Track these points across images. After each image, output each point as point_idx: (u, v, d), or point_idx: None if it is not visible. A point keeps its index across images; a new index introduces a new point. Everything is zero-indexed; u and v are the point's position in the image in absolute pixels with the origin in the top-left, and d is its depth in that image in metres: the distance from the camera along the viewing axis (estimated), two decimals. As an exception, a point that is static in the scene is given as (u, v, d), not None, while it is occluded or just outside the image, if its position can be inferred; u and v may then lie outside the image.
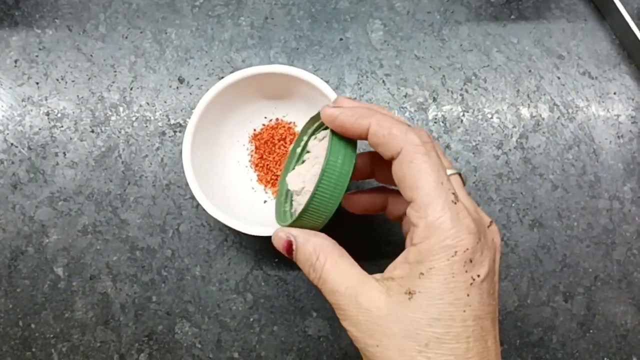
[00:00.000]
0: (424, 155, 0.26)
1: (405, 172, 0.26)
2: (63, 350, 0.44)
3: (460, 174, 0.30)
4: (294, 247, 0.30)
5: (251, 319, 0.44)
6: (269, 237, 0.32)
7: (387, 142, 0.27)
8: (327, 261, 0.29)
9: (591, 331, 0.44)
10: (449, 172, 0.28)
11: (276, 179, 0.45)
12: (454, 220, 0.25)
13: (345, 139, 0.30)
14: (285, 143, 0.45)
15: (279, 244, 0.31)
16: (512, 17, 0.49)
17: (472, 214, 0.26)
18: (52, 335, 0.44)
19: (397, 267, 0.27)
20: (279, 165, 0.45)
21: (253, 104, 0.45)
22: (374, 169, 0.35)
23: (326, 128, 0.35)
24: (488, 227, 0.28)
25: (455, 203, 0.26)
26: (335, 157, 0.29)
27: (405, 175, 0.26)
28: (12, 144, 0.47)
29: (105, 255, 0.45)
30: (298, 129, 0.45)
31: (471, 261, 0.25)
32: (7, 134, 0.47)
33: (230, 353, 0.44)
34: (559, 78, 0.47)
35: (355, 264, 0.29)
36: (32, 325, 0.44)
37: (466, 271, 0.25)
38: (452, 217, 0.25)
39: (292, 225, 0.31)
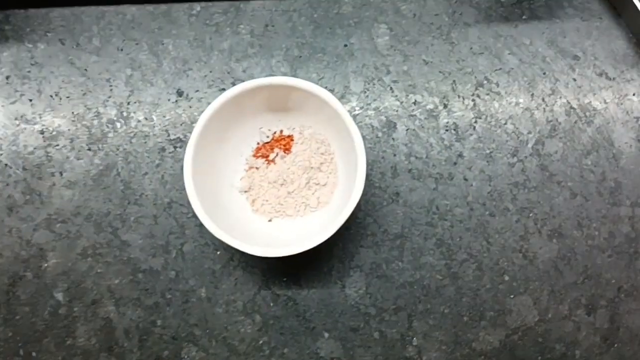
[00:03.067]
0: None
1: None
2: (66, 378, 0.43)
3: None
4: None
5: (260, 342, 0.43)
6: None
7: None
8: None
9: (616, 345, 0.43)
10: None
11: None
12: None
13: None
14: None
15: None
16: (524, 17, 0.48)
17: None
18: (54, 364, 0.43)
19: None
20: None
21: (255, 117, 0.44)
22: None
23: None
24: None
25: None
26: None
27: None
28: (6, 164, 0.46)
29: (107, 278, 0.44)
30: (300, 139, 0.44)
31: None
32: (1, 154, 0.46)
33: (240, 377, 0.43)
34: (574, 80, 0.46)
35: None
36: (33, 354, 0.44)
37: None
38: None
39: None
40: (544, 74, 0.47)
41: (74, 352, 0.44)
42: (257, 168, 0.45)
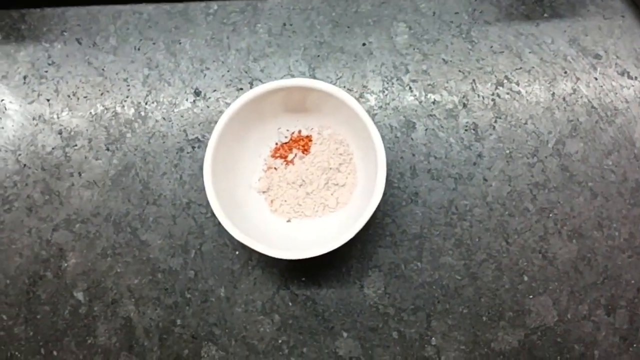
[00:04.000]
0: None
1: None
2: (87, 377, 0.44)
3: None
4: None
5: (280, 341, 0.44)
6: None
7: None
8: None
9: (634, 345, 0.43)
10: None
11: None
12: None
13: None
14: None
15: None
16: (545, 15, 0.47)
17: None
18: (75, 363, 0.44)
19: None
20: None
21: (274, 118, 0.44)
22: None
23: None
24: None
25: None
26: None
27: None
28: (25, 164, 0.46)
29: (127, 278, 0.45)
30: (319, 140, 0.44)
31: None
32: (20, 154, 0.47)
33: (260, 377, 0.43)
34: (596, 79, 0.46)
35: None
36: (54, 353, 0.44)
37: None
38: None
39: None
40: (565, 73, 0.46)
41: (95, 351, 0.44)
42: (275, 169, 0.45)
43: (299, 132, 0.45)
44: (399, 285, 0.44)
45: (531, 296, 0.44)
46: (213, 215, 0.45)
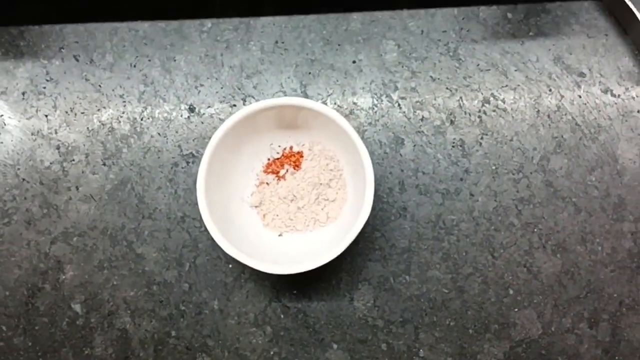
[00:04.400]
0: None
1: None
2: (84, 387, 0.45)
3: None
4: None
5: (271, 352, 0.45)
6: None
7: None
8: None
9: (617, 358, 0.44)
10: None
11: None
12: None
13: None
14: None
15: None
16: (530, 33, 0.48)
17: None
18: (72, 373, 0.45)
19: None
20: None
21: (266, 133, 0.46)
22: None
23: None
24: None
25: None
26: None
27: None
28: (23, 179, 0.48)
29: (123, 290, 0.46)
30: (310, 156, 0.46)
31: None
32: (19, 168, 0.48)
33: (252, 387, 0.45)
34: (580, 97, 0.47)
35: None
36: (52, 363, 0.45)
37: None
38: None
39: None
40: (550, 90, 0.48)
41: (92, 361, 0.46)
42: (267, 184, 0.46)
43: (291, 148, 0.47)
44: (388, 298, 0.46)
45: (516, 309, 0.45)
46: (207, 229, 0.46)
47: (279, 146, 0.47)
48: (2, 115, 0.49)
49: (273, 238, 0.45)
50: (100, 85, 0.49)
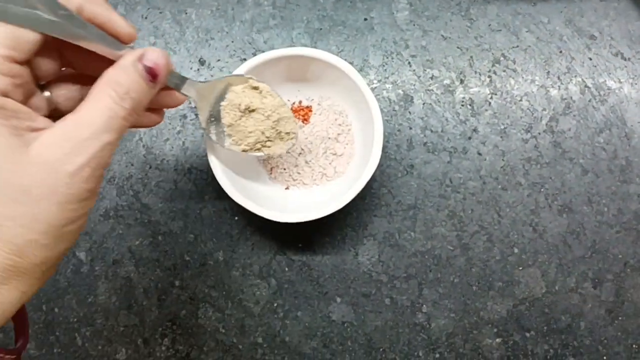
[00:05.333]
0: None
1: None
2: (87, 334, 0.45)
3: None
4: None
5: (275, 304, 0.45)
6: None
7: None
8: None
9: (620, 318, 0.44)
10: None
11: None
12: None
13: None
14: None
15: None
16: (543, -5, 0.49)
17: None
18: (75, 320, 0.46)
19: None
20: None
21: (275, 87, 0.46)
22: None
23: None
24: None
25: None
26: None
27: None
28: (31, 127, 0.48)
29: (128, 239, 0.46)
30: (319, 110, 0.46)
31: None
32: (27, 117, 0.48)
33: (254, 338, 0.45)
34: (590, 59, 0.47)
35: None
36: (56, 310, 0.46)
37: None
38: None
39: None
40: (561, 52, 0.48)
41: (95, 309, 0.46)
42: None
43: (300, 102, 0.47)
44: (393, 253, 0.46)
45: (520, 268, 0.45)
46: (213, 180, 0.46)
47: (288, 100, 0.47)
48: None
49: (280, 191, 0.46)
50: (110, 36, 0.49)
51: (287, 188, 0.46)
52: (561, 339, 0.44)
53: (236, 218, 0.46)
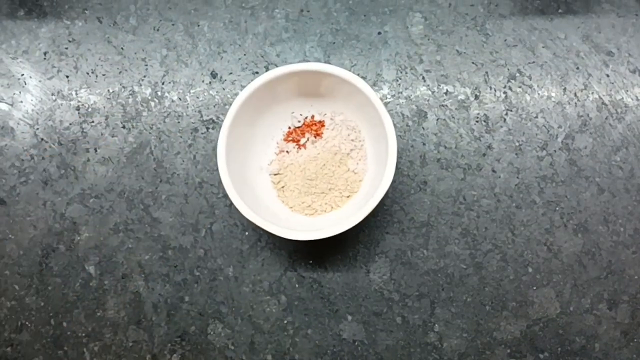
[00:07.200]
0: None
1: None
2: (95, 349, 0.45)
3: None
4: None
5: (285, 322, 0.45)
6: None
7: None
8: None
9: (635, 340, 0.44)
10: None
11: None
12: None
13: None
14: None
15: None
16: (560, 10, 0.48)
17: None
18: (84, 334, 0.45)
19: None
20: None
21: (288, 102, 0.46)
22: None
23: None
24: None
25: None
26: None
27: None
28: (42, 138, 0.48)
29: (137, 254, 0.46)
30: (332, 125, 0.45)
31: None
32: (37, 128, 0.48)
33: (264, 355, 0.45)
34: (607, 76, 0.47)
35: None
36: (64, 324, 0.46)
37: None
38: None
39: None
40: (577, 68, 0.47)
41: (104, 323, 0.46)
42: (287, 152, 0.46)
43: (312, 117, 0.46)
44: (405, 271, 0.45)
45: (535, 287, 0.45)
46: (224, 195, 0.46)
47: (301, 115, 0.47)
48: (23, 75, 0.49)
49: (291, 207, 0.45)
50: (122, 48, 0.49)
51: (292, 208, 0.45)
52: (575, 360, 0.44)
53: (247, 233, 0.46)
